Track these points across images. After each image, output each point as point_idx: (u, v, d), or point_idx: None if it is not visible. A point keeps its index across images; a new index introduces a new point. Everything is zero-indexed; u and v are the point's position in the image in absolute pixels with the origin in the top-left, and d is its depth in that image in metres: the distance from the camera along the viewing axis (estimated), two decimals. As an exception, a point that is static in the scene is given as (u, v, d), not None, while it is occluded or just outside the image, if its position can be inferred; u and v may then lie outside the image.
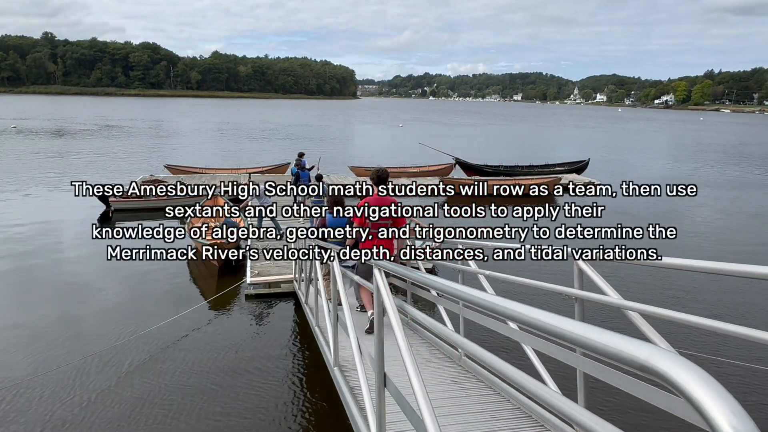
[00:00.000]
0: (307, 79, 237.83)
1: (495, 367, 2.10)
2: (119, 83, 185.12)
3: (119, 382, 6.96)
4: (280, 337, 8.56)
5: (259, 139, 46.18)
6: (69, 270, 11.56)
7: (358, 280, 4.76)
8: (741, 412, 0.80)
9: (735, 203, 22.06)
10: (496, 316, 1.79)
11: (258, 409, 6.46)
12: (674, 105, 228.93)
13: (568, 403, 1.57)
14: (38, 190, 20.28)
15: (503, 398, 4.03)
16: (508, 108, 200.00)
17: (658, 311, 2.51)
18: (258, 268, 10.76)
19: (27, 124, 53.51)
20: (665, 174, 30.31)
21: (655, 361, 0.95)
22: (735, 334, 2.14)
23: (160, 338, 8.22)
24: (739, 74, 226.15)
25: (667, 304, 9.20)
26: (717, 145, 53.14)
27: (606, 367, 2.13)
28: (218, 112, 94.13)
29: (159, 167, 24.46)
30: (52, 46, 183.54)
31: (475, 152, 35.34)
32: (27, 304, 9.61)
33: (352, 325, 3.81)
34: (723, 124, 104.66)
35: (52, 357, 7.54)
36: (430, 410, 1.98)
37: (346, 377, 4.43)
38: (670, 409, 1.71)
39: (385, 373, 2.79)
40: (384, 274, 2.86)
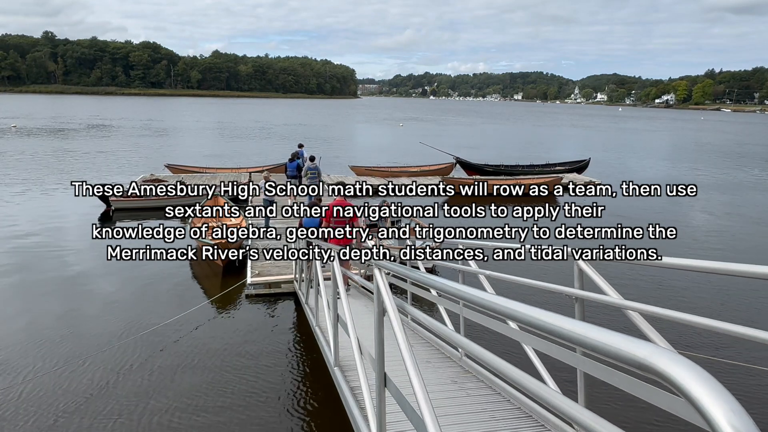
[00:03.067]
0: (307, 78, 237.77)
1: (495, 367, 2.10)
2: (119, 82, 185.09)
3: (121, 380, 6.97)
4: (280, 337, 8.57)
5: (259, 139, 46.18)
6: (70, 269, 11.57)
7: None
8: (740, 411, 0.80)
9: (735, 203, 22.05)
10: (497, 315, 1.79)
11: (258, 409, 6.46)
12: (675, 104, 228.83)
13: (568, 402, 1.58)
14: (39, 189, 20.27)
15: (503, 398, 4.04)
16: (509, 107, 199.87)
17: (658, 311, 2.52)
18: (258, 268, 10.76)
19: (27, 123, 53.52)
20: (665, 174, 30.30)
21: (655, 360, 0.96)
22: (735, 334, 2.14)
23: (161, 338, 8.22)
24: (740, 73, 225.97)
25: (667, 303, 9.20)
26: (717, 145, 53.12)
27: (606, 367, 2.13)
28: (218, 111, 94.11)
29: (159, 167, 24.47)
30: (52, 45, 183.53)
31: (475, 152, 35.35)
32: (28, 303, 9.61)
33: (353, 325, 3.82)
34: (724, 124, 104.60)
35: (54, 356, 7.55)
36: (430, 410, 1.98)
37: (346, 377, 4.43)
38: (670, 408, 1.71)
39: (385, 372, 2.79)
40: (385, 273, 2.86)
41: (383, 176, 23.87)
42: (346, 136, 53.29)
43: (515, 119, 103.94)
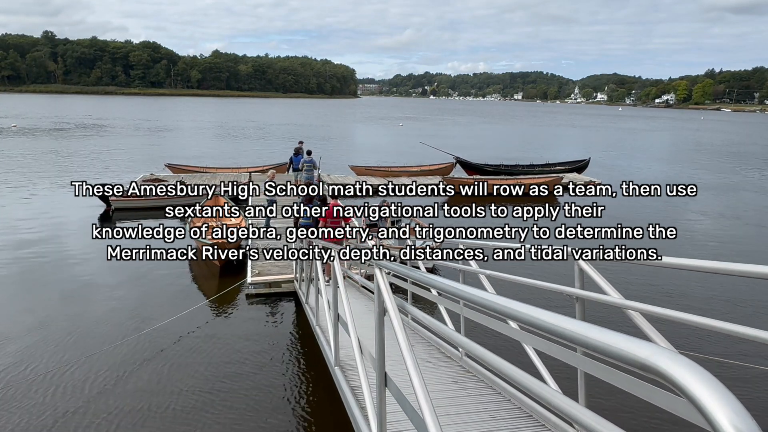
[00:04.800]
0: (307, 78, 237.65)
1: (496, 367, 2.10)
2: (119, 82, 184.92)
3: (121, 380, 6.97)
4: (280, 337, 8.57)
5: (259, 139, 46.16)
6: (69, 270, 11.56)
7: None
8: (743, 412, 0.80)
9: (735, 203, 22.05)
10: (497, 315, 1.79)
11: (259, 408, 6.46)
12: (675, 104, 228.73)
13: (568, 402, 1.57)
14: (39, 189, 20.26)
15: (504, 398, 4.04)
16: (509, 107, 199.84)
17: (659, 311, 2.51)
18: (259, 267, 10.76)
19: (27, 123, 53.50)
20: (665, 174, 30.29)
21: (657, 360, 0.95)
22: (736, 334, 2.14)
23: (161, 337, 8.23)
24: (740, 73, 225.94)
25: (667, 303, 9.20)
26: (717, 145, 53.10)
27: (607, 367, 2.13)
28: (217, 111, 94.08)
29: (159, 166, 24.46)
30: (52, 45, 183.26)
31: (475, 152, 35.33)
32: (28, 303, 9.61)
33: (353, 324, 3.81)
34: (724, 123, 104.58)
35: (54, 356, 7.55)
36: (430, 410, 1.98)
37: (346, 376, 4.43)
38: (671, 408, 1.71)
39: (385, 372, 2.79)
40: (385, 273, 2.86)
41: (383, 176, 23.86)
42: (346, 136, 53.25)
43: (515, 119, 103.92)
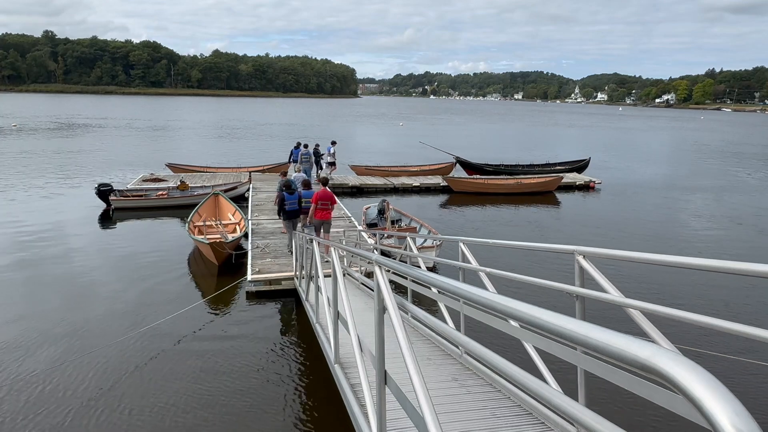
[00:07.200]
0: (307, 77, 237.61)
1: (496, 365, 2.09)
2: (119, 81, 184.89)
3: (120, 378, 6.97)
4: (280, 334, 8.57)
5: (259, 138, 46.17)
6: (70, 268, 11.57)
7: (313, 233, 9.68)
8: (743, 412, 0.80)
9: (735, 203, 22.04)
10: (497, 313, 1.78)
11: (258, 406, 6.46)
12: (675, 104, 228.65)
13: (568, 401, 1.57)
14: (39, 188, 20.27)
15: (504, 396, 4.04)
16: (509, 107, 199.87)
17: (659, 309, 2.51)
18: (259, 265, 10.76)
19: (27, 122, 53.52)
20: (665, 173, 30.29)
21: (658, 361, 0.95)
22: (736, 332, 2.13)
23: (161, 335, 8.23)
24: (741, 73, 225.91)
25: (667, 301, 9.20)
26: (717, 145, 53.09)
27: (607, 365, 2.13)
28: (217, 110, 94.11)
29: (160, 166, 24.47)
30: (52, 44, 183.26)
31: (475, 151, 35.34)
32: (28, 302, 9.61)
33: (353, 322, 3.81)
34: (724, 123, 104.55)
35: (54, 354, 7.56)
36: (430, 408, 1.98)
37: (346, 374, 4.42)
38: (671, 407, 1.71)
39: (385, 370, 2.79)
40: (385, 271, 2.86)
41: (383, 176, 23.85)
42: (346, 136, 53.23)
43: (515, 119, 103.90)
